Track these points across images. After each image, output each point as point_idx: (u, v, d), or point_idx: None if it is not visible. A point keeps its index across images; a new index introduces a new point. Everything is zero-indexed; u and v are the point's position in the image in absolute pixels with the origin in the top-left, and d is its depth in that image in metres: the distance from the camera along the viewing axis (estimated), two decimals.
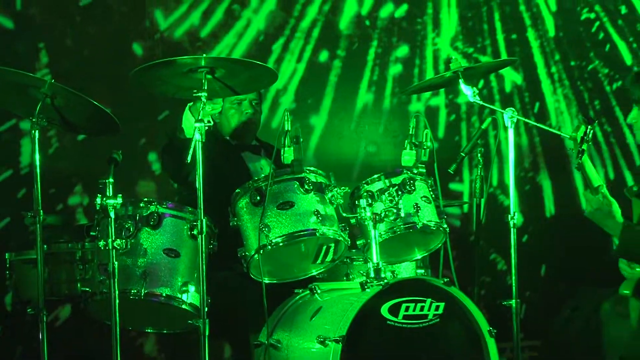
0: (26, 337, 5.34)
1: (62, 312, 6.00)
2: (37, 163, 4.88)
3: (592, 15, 7.26)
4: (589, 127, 4.27)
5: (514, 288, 5.34)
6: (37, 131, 4.87)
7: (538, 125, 6.46)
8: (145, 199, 5.19)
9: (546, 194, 7.21)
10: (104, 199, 4.86)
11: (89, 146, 5.89)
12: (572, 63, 7.15)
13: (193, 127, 4.79)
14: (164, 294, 5.07)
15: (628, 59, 7.23)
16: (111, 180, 4.88)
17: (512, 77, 7.09)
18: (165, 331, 5.68)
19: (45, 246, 4.99)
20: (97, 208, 4.94)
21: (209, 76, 4.92)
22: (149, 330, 5.86)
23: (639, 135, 4.81)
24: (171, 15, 6.46)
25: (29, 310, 4.99)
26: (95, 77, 6.10)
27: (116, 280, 4.86)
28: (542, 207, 7.21)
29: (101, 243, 4.92)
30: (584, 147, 4.36)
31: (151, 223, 5.08)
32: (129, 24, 6.39)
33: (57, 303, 5.80)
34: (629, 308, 4.27)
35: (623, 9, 7.27)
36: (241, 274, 5.21)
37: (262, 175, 5.32)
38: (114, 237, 4.88)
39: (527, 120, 6.31)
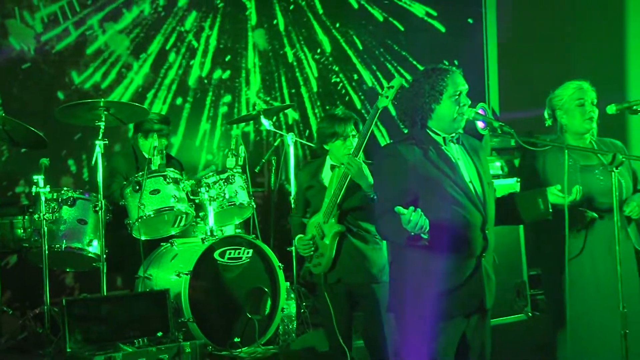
0: None
1: (11, 259, 5.66)
2: None
3: (338, 79, 7.38)
4: None
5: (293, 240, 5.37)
6: None
7: (307, 143, 6.55)
8: (65, 188, 4.99)
9: None
10: (38, 188, 4.71)
11: (29, 156, 5.58)
12: (327, 107, 7.24)
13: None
14: (77, 247, 4.89)
15: (358, 104, 7.42)
16: (42, 176, 4.74)
17: (292, 115, 7.13)
18: (79, 270, 5.46)
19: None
20: (33, 194, 4.78)
21: (105, 112, 4.78)
22: (68, 270, 5.63)
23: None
24: (82, 75, 6.21)
25: None
26: (33, 113, 5.82)
27: (45, 239, 4.71)
28: None
29: (36, 216, 4.78)
30: None
31: (69, 203, 4.88)
32: (54, 79, 6.11)
33: (7, 254, 5.49)
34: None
35: (355, 76, 7.44)
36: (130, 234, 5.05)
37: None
38: (44, 212, 4.73)
39: (301, 140, 6.39)
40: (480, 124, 3.37)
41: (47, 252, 4.69)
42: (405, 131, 3.24)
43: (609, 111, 3.70)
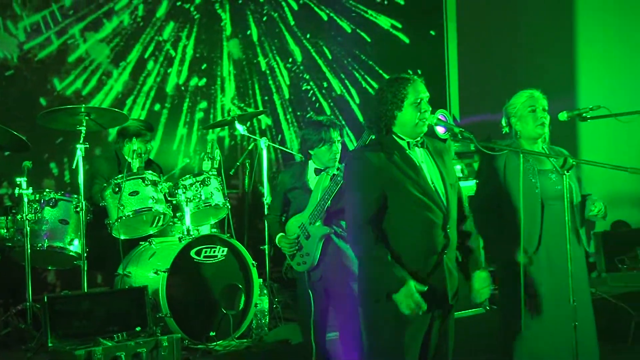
0: None
1: None
2: None
3: (309, 87, 7.39)
4: None
5: (266, 239, 5.35)
6: None
7: (279, 147, 6.54)
8: (47, 190, 4.92)
9: None
10: (21, 190, 4.65)
11: (12, 158, 5.49)
12: (298, 113, 7.25)
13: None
14: (58, 246, 4.83)
15: (328, 111, 7.45)
16: (25, 179, 4.68)
17: (266, 120, 7.12)
18: (60, 268, 5.38)
19: None
20: (16, 195, 4.72)
21: (86, 117, 4.73)
22: (49, 268, 5.56)
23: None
24: (64, 82, 6.16)
25: None
26: (16, 118, 5.75)
27: (28, 238, 4.65)
28: None
29: (18, 216, 4.71)
30: None
31: (50, 204, 4.83)
32: (37, 86, 6.05)
33: None
34: None
35: (325, 84, 7.47)
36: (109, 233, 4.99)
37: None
38: (27, 212, 4.66)
39: (274, 144, 6.38)
40: (440, 129, 3.40)
41: (29, 251, 4.63)
42: (372, 137, 3.26)
43: (561, 118, 3.75)
